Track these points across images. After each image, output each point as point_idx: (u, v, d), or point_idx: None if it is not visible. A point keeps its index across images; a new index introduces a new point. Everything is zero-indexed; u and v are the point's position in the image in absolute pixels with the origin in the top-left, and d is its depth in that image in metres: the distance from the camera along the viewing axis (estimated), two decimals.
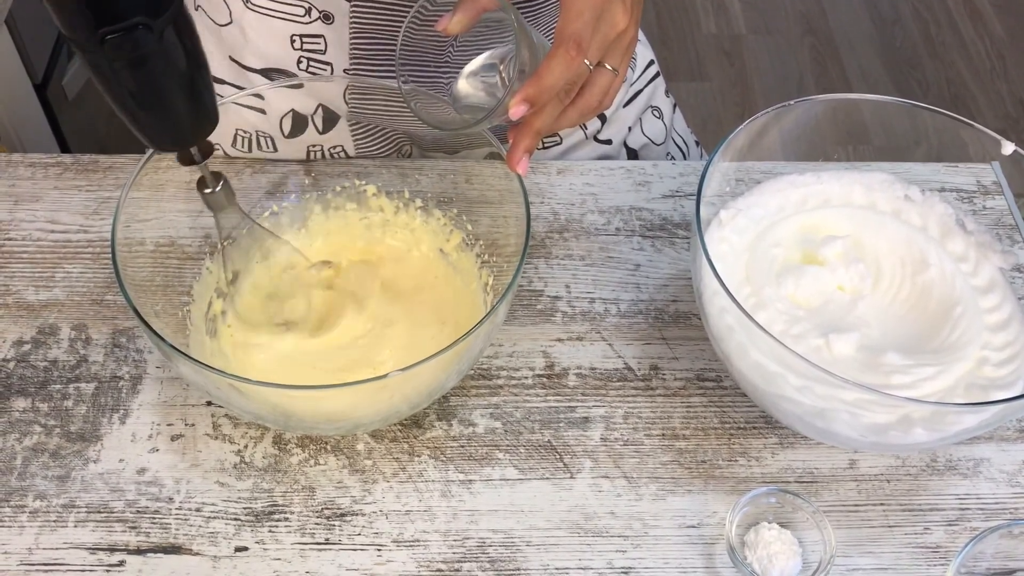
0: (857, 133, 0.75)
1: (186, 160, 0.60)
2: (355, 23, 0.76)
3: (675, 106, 0.99)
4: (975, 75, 2.29)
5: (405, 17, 0.65)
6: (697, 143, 1.03)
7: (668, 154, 0.97)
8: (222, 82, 0.84)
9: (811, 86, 2.26)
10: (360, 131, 0.85)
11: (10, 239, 0.80)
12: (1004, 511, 0.67)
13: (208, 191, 0.63)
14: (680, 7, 2.44)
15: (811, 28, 2.40)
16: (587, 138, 0.91)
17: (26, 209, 0.82)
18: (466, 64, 0.68)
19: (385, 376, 0.58)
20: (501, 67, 0.67)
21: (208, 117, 0.57)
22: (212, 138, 0.86)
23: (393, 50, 0.68)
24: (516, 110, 0.61)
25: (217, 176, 0.62)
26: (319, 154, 0.85)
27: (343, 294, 0.73)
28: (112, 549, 0.64)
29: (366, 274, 0.74)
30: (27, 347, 0.74)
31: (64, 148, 1.54)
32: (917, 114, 0.73)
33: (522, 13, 0.78)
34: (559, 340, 0.75)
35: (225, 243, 0.74)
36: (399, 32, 0.65)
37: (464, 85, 0.69)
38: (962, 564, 0.59)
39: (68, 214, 0.81)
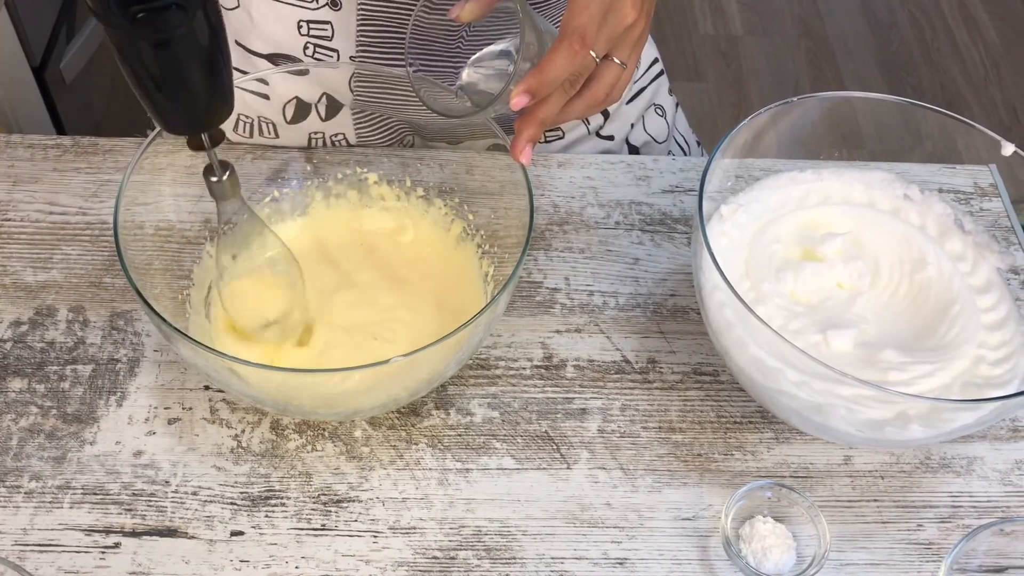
0: (857, 132, 0.76)
1: (196, 145, 0.59)
2: (363, 10, 0.76)
3: (677, 105, 0.99)
4: (969, 81, 2.31)
5: (413, 5, 0.65)
6: (699, 143, 1.03)
7: (669, 153, 0.97)
8: None
9: (807, 88, 2.27)
10: (363, 120, 0.85)
11: (8, 220, 0.80)
12: (996, 509, 0.68)
13: (214, 179, 0.62)
14: (677, 7, 2.44)
15: (807, 30, 2.41)
16: (589, 133, 0.91)
17: (25, 190, 0.81)
18: (475, 53, 0.69)
19: (386, 362, 0.58)
20: (511, 59, 0.68)
21: (225, 103, 0.57)
22: None
23: (400, 38, 0.68)
24: (517, 101, 0.61)
25: (224, 165, 0.62)
26: (320, 141, 0.85)
27: (342, 281, 0.73)
28: (107, 531, 0.64)
29: (366, 262, 0.75)
30: (24, 328, 0.73)
31: (61, 131, 1.53)
32: (917, 114, 0.74)
33: (533, 5, 0.78)
34: (557, 332, 0.75)
35: (224, 228, 0.74)
36: (407, 20, 0.65)
37: (472, 74, 0.69)
38: (954, 561, 0.60)
39: (67, 196, 0.81)
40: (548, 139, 0.90)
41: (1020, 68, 2.34)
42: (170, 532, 0.64)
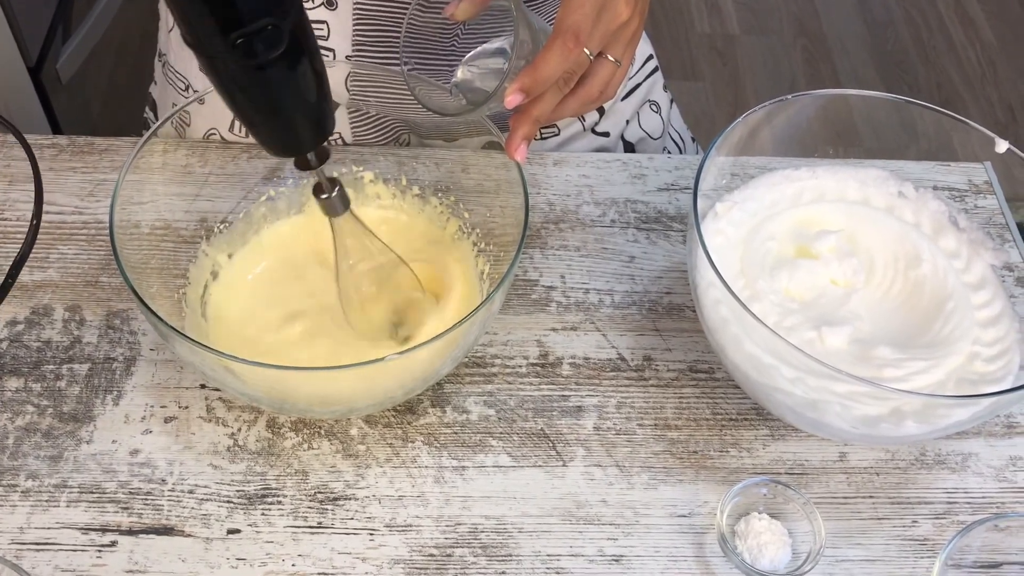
0: (852, 129, 0.76)
1: (303, 165, 0.59)
2: (358, 9, 0.76)
3: (672, 102, 0.99)
4: (965, 80, 2.31)
5: (408, 5, 0.65)
6: (693, 139, 1.03)
7: (665, 149, 0.97)
8: None
9: (803, 87, 2.27)
10: (358, 119, 0.85)
11: (5, 219, 0.80)
12: (991, 505, 0.68)
13: (324, 196, 0.62)
14: (674, 6, 2.44)
15: (804, 29, 2.41)
16: (585, 130, 0.91)
17: (21, 189, 0.81)
18: (470, 51, 0.69)
19: (381, 359, 0.59)
20: (506, 57, 0.68)
21: (328, 120, 0.56)
22: (210, 122, 0.86)
23: (396, 38, 0.68)
24: (511, 99, 0.62)
25: (333, 181, 0.61)
26: None
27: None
28: (104, 529, 0.64)
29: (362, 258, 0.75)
30: (20, 327, 0.73)
31: (57, 130, 1.53)
32: (912, 112, 0.74)
33: (528, 3, 0.79)
34: (553, 329, 0.75)
35: (222, 227, 0.75)
36: (402, 19, 0.65)
37: (467, 72, 0.69)
38: (949, 556, 0.60)
39: (63, 195, 0.81)
40: (543, 136, 0.90)
41: (1016, 67, 2.35)
42: (166, 530, 0.64)
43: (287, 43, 0.50)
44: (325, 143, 0.58)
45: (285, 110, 0.54)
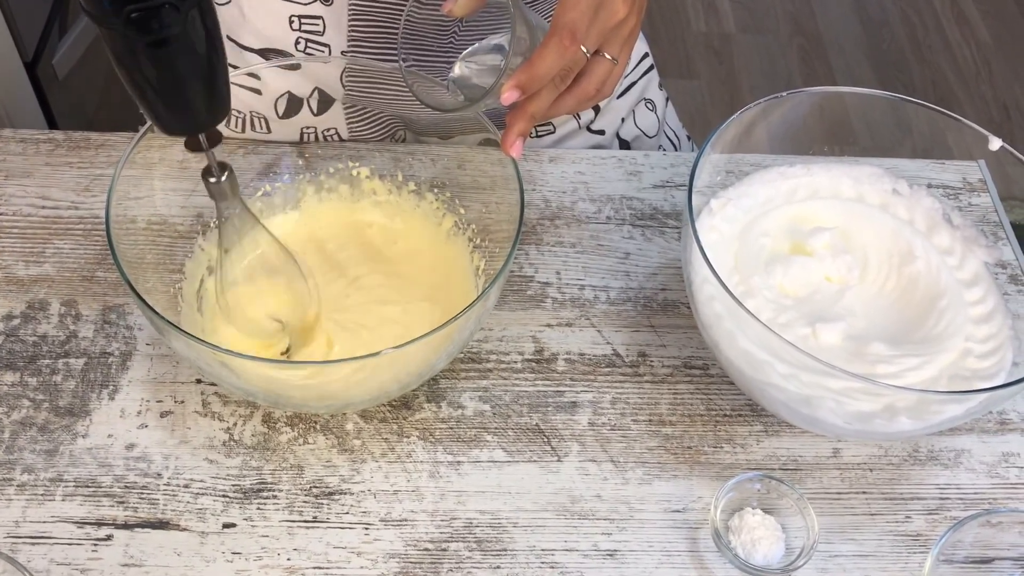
0: (847, 127, 0.76)
1: (193, 146, 0.58)
2: (354, 5, 0.76)
3: (668, 100, 1.00)
4: (960, 79, 2.31)
5: (404, 1, 0.65)
6: (689, 138, 1.03)
7: (660, 147, 0.97)
8: None
9: (799, 86, 2.24)
10: (355, 115, 0.85)
11: (1, 214, 0.80)
12: (983, 501, 0.68)
13: (213, 180, 0.61)
14: (671, 5, 2.45)
15: (800, 28, 2.42)
16: (580, 128, 0.91)
17: (16, 184, 0.82)
18: (468, 48, 0.69)
19: (377, 354, 0.59)
20: (503, 53, 0.68)
21: (222, 104, 0.56)
22: None
23: (392, 33, 0.69)
24: (507, 96, 0.62)
25: (223, 166, 0.61)
26: (312, 136, 0.85)
27: (334, 274, 0.73)
28: (99, 523, 0.64)
29: (357, 256, 0.75)
30: (16, 322, 0.74)
31: (53, 126, 1.53)
32: (907, 110, 0.74)
33: (525, 1, 0.79)
34: (549, 325, 0.76)
35: (218, 223, 0.75)
36: (398, 15, 0.65)
37: (464, 68, 0.69)
38: (941, 552, 0.60)
39: (59, 190, 0.81)
40: (539, 133, 0.90)
41: (1011, 66, 2.35)
42: (162, 524, 0.65)
43: (184, 22, 0.50)
44: (217, 127, 0.58)
45: (178, 89, 0.54)
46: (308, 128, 0.85)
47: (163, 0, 0.49)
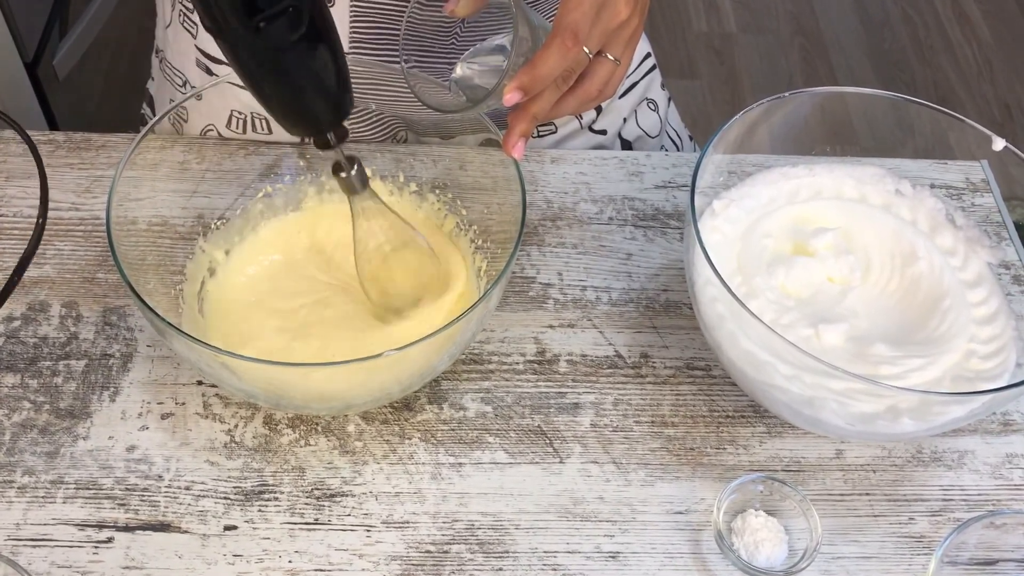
0: (849, 127, 0.76)
1: (322, 144, 0.59)
2: (355, 6, 0.76)
3: (670, 100, 0.99)
4: (962, 78, 2.31)
5: (405, 1, 0.65)
6: (691, 138, 1.03)
7: (662, 147, 0.97)
8: (219, 62, 0.84)
9: (800, 85, 2.25)
10: (355, 116, 0.85)
11: (1, 215, 0.79)
12: (987, 502, 0.68)
13: (343, 175, 0.62)
14: (672, 5, 2.44)
15: (801, 28, 2.42)
16: (582, 128, 0.91)
17: (17, 185, 0.81)
18: (470, 48, 0.69)
19: (378, 355, 0.58)
20: (505, 54, 0.68)
21: (347, 98, 0.57)
22: (207, 119, 0.86)
23: (393, 34, 0.68)
24: (509, 97, 0.62)
25: (352, 160, 0.62)
26: None
27: (336, 275, 0.73)
28: (100, 526, 0.64)
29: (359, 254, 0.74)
30: (17, 323, 0.73)
31: (53, 127, 1.53)
32: (909, 110, 0.74)
33: (528, 1, 0.79)
34: (550, 327, 0.75)
35: (219, 223, 0.74)
36: (398, 16, 0.65)
37: (466, 69, 0.69)
38: (945, 553, 0.60)
39: (60, 192, 0.81)
40: (540, 134, 0.90)
41: (1013, 66, 2.35)
42: (163, 527, 0.64)
43: (307, 24, 0.51)
44: (344, 122, 0.59)
45: (306, 91, 0.55)
46: None
47: (286, 4, 0.50)
